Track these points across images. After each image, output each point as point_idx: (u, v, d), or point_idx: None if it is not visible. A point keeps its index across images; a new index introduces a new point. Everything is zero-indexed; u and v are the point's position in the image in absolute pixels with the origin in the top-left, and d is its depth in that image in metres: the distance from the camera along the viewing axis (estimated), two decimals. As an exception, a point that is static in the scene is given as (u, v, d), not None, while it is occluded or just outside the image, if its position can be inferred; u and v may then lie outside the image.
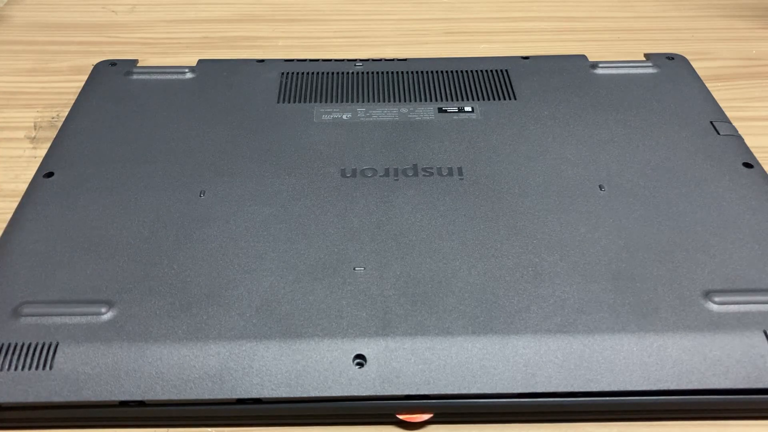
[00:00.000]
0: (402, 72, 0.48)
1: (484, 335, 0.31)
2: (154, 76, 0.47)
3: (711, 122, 0.43)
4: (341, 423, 0.31)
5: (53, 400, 0.29)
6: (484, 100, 0.45)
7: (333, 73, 0.48)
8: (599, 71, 0.48)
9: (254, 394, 0.29)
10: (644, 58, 0.50)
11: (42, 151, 0.41)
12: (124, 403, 0.29)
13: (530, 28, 0.62)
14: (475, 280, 0.33)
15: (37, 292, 0.32)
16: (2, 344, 0.30)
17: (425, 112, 0.44)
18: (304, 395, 0.29)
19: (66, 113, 0.44)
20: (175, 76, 0.47)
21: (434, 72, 0.48)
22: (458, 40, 0.60)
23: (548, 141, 0.42)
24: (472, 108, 0.44)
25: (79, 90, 0.46)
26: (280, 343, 0.30)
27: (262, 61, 0.49)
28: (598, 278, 0.33)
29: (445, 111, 0.44)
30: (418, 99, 0.45)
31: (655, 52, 0.50)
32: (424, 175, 0.39)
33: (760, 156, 0.41)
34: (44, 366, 0.29)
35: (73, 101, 0.45)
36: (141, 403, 0.30)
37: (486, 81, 0.47)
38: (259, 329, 0.31)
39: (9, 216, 0.37)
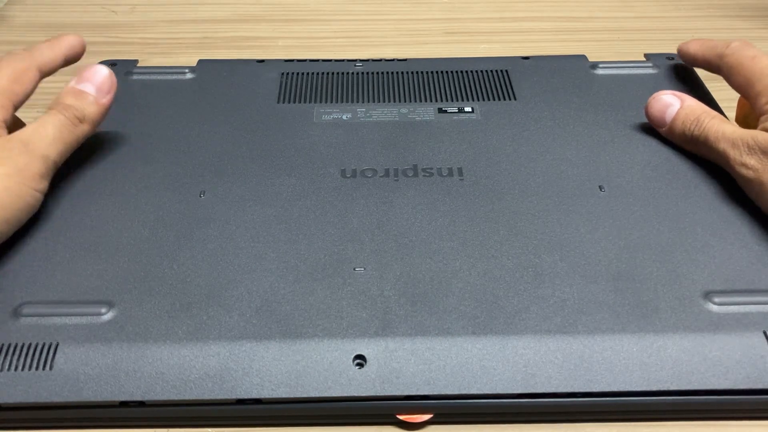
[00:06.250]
0: (402, 72, 0.48)
1: (484, 335, 0.31)
2: (154, 77, 0.47)
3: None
4: (341, 423, 0.31)
5: (53, 400, 0.29)
6: (484, 100, 0.45)
7: (333, 73, 0.48)
8: (599, 71, 0.48)
9: (254, 395, 0.29)
10: (644, 59, 0.50)
11: (42, 151, 0.41)
12: (124, 404, 0.29)
13: (530, 28, 0.62)
14: (475, 281, 0.33)
15: (37, 292, 0.32)
16: (2, 344, 0.30)
17: (425, 112, 0.44)
18: (304, 395, 0.29)
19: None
20: (175, 77, 0.47)
21: (434, 72, 0.48)
22: (458, 40, 0.60)
23: (548, 141, 0.42)
24: (472, 108, 0.44)
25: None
26: (280, 344, 0.30)
27: (262, 61, 0.49)
28: (598, 279, 0.33)
29: (445, 111, 0.44)
30: (418, 99, 0.45)
31: (655, 52, 0.50)
32: (424, 176, 0.39)
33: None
34: (44, 366, 0.29)
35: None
36: (141, 404, 0.30)
37: (486, 81, 0.47)
38: (259, 329, 0.31)
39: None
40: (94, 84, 0.38)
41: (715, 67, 0.43)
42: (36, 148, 0.35)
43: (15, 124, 0.37)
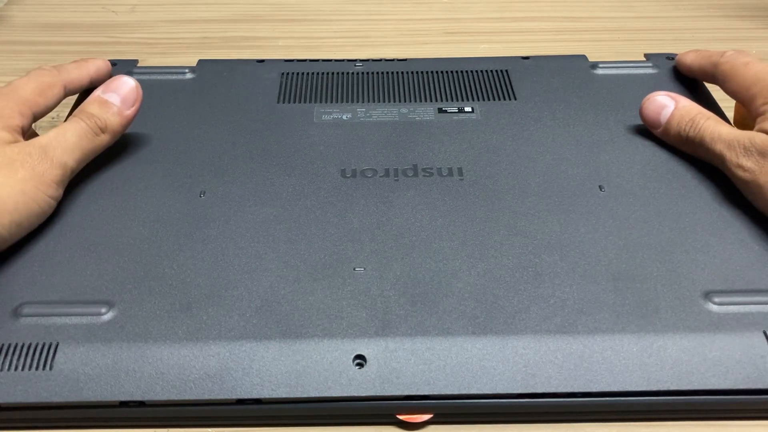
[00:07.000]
0: (402, 72, 0.48)
1: (484, 335, 0.31)
2: (154, 77, 0.47)
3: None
4: (341, 423, 0.31)
5: (53, 400, 0.29)
6: (484, 100, 0.45)
7: (333, 73, 0.48)
8: (599, 71, 0.48)
9: (254, 395, 0.29)
10: (644, 59, 0.50)
11: (42, 151, 0.41)
12: (124, 404, 0.29)
13: (530, 28, 0.62)
14: (475, 281, 0.33)
15: (37, 292, 0.32)
16: (2, 344, 0.30)
17: (425, 112, 0.44)
18: (304, 395, 0.29)
19: (66, 113, 0.44)
20: (175, 76, 0.47)
21: (434, 72, 0.48)
22: (458, 40, 0.60)
23: (548, 141, 0.42)
24: (472, 108, 0.44)
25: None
26: (280, 344, 0.30)
27: (262, 61, 0.49)
28: (598, 279, 0.33)
29: (445, 111, 0.44)
30: (418, 99, 0.45)
31: (655, 52, 0.50)
32: (424, 176, 0.39)
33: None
34: (44, 366, 0.29)
35: (73, 101, 0.44)
36: (141, 404, 0.30)
37: (486, 81, 0.47)
38: (259, 329, 0.31)
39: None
40: (120, 95, 0.39)
41: (710, 75, 0.43)
42: (55, 155, 0.35)
43: (31, 136, 0.37)
